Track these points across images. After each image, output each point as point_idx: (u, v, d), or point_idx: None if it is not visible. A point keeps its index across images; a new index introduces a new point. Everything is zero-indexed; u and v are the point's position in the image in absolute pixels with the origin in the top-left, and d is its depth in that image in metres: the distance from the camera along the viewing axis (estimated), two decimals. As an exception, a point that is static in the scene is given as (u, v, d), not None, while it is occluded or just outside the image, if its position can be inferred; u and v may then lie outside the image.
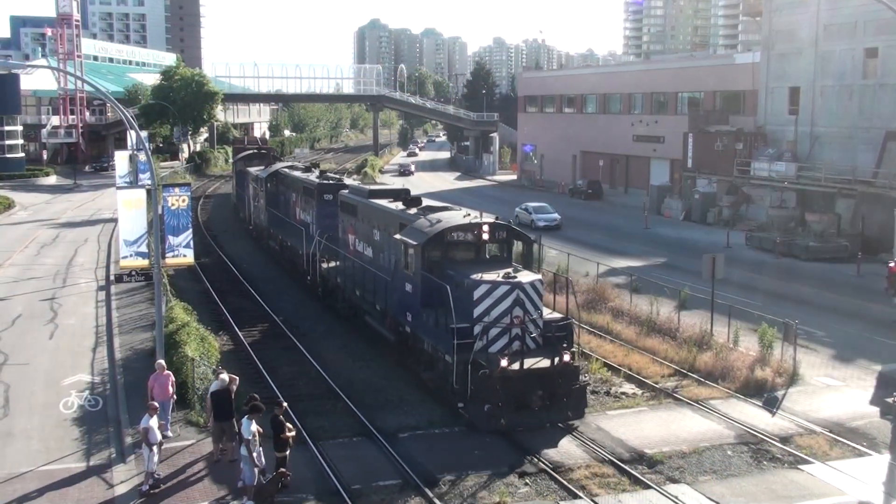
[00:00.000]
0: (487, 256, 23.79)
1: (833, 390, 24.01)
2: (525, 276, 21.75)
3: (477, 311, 20.91)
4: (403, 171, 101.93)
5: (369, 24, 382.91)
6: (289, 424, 17.77)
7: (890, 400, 19.03)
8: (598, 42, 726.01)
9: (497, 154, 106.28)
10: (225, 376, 19.07)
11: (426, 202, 27.22)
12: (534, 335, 21.32)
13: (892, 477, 17.61)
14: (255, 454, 16.86)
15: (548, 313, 22.67)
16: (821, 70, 53.90)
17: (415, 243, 23.22)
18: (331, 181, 37.33)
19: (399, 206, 27.17)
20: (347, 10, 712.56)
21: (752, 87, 60.63)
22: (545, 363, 20.53)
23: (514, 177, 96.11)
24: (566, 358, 20.65)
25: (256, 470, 16.87)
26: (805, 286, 37.32)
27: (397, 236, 24.65)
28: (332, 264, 32.74)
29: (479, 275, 21.46)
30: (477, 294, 20.97)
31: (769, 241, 46.36)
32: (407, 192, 29.95)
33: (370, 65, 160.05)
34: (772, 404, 22.74)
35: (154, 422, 17.45)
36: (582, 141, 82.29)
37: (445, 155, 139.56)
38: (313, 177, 39.87)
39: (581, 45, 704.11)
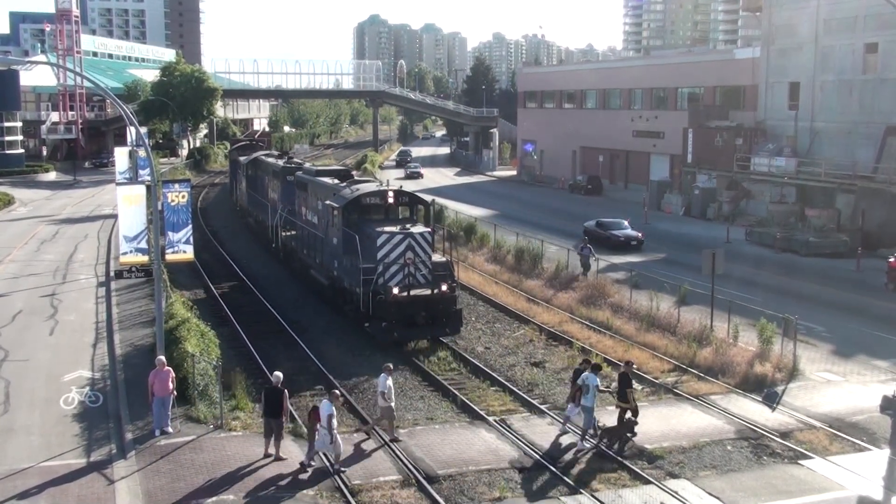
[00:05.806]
0: (400, 217, 29.93)
1: (833, 385, 24.03)
2: (417, 229, 28.07)
3: (380, 255, 27.05)
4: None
5: (369, 20, 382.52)
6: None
7: (890, 395, 19.02)
8: (598, 37, 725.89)
9: (497, 150, 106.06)
10: (279, 374, 19.50)
11: (356, 177, 35.31)
12: (423, 272, 27.48)
13: (891, 472, 17.63)
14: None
15: (437, 257, 28.96)
16: (821, 65, 53.88)
17: (338, 205, 29.53)
18: (293, 165, 42.69)
19: (335, 181, 33.64)
20: (347, 5, 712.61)
21: (752, 82, 60.60)
22: (427, 292, 26.90)
23: (514, 172, 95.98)
24: (444, 288, 27.03)
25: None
26: (805, 281, 37.33)
27: (327, 202, 30.80)
28: (291, 233, 38.81)
29: (383, 228, 27.73)
30: (379, 242, 27.13)
31: (769, 237, 46.35)
32: (346, 170, 37.14)
33: (370, 60, 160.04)
34: (772, 399, 22.77)
35: (334, 409, 18.11)
36: (582, 136, 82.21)
37: (445, 150, 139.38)
38: (281, 162, 45.13)
39: (581, 40, 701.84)
